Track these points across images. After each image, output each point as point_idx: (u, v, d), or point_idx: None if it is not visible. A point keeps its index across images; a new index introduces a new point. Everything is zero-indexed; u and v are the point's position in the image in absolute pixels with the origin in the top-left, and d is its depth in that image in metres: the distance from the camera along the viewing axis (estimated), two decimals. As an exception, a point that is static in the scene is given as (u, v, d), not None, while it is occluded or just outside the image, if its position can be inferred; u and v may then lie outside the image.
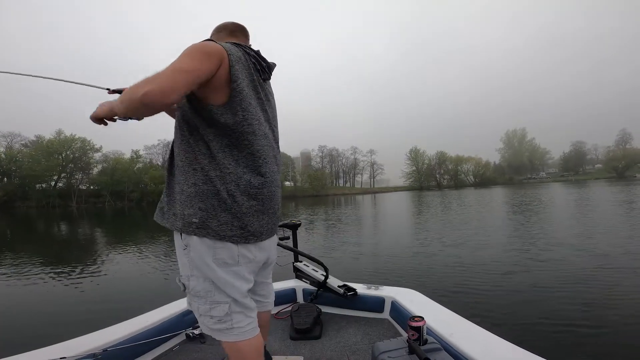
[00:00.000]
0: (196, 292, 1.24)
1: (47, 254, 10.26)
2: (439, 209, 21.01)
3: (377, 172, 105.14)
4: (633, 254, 6.44)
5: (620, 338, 3.26)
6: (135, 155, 68.73)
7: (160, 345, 2.02)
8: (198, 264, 1.21)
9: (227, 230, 1.19)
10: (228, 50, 1.16)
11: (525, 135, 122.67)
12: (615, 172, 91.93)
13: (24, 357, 1.61)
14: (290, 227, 2.77)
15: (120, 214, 34.93)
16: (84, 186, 64.05)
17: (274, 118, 1.41)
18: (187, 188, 1.21)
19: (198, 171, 1.20)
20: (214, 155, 1.19)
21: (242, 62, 1.21)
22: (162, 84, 0.98)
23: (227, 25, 1.42)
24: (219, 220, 1.18)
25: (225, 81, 1.15)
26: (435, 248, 8.15)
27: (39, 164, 54.76)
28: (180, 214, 1.21)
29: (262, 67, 1.31)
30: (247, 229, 1.23)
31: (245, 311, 1.29)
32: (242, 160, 1.21)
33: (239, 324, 1.26)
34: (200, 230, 1.18)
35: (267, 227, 1.31)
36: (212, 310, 1.24)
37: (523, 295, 4.57)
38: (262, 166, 1.25)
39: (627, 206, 15.39)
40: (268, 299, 1.61)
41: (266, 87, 1.37)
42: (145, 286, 6.12)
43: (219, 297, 1.23)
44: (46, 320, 4.56)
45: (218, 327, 1.26)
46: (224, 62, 1.14)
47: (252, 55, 1.29)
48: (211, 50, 1.11)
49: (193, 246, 1.20)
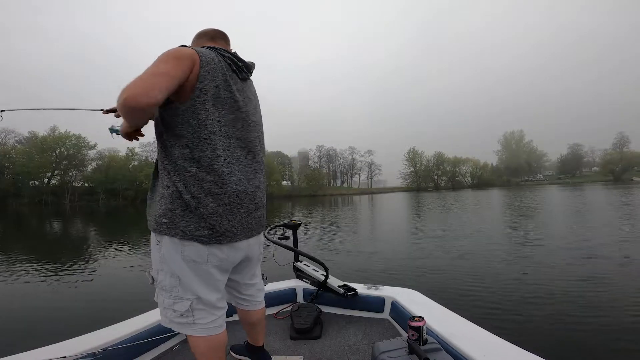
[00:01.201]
0: (162, 285, 1.30)
1: (37, 252, 10.16)
2: (438, 210, 21.07)
3: (374, 173, 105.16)
4: (633, 255, 6.47)
5: (620, 338, 3.28)
6: (130, 152, 67.90)
7: (160, 345, 2.02)
8: (168, 259, 1.27)
9: (195, 230, 1.23)
10: (200, 53, 1.22)
11: (523, 137, 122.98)
12: (613, 175, 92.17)
13: (24, 356, 1.60)
14: (290, 227, 2.77)
15: (113, 212, 34.68)
16: (78, 183, 63.42)
17: (252, 117, 1.43)
18: (160, 190, 1.29)
19: (165, 175, 1.27)
20: (175, 160, 1.23)
21: (215, 63, 1.25)
22: (137, 89, 1.01)
23: (208, 32, 1.47)
24: (187, 220, 1.23)
25: (193, 82, 1.19)
26: (435, 248, 8.17)
27: (33, 161, 54.13)
28: (154, 214, 1.29)
29: (238, 67, 1.36)
30: (216, 229, 1.26)
31: (208, 309, 1.33)
32: (204, 161, 1.23)
33: (201, 321, 1.31)
34: (170, 230, 1.24)
35: (241, 227, 1.34)
36: (175, 305, 1.29)
37: (523, 295, 4.60)
38: (225, 165, 1.27)
39: (628, 210, 15.35)
40: (256, 299, 1.66)
41: (245, 86, 1.41)
42: (145, 287, 6.09)
43: (183, 293, 1.28)
44: (41, 319, 4.55)
45: (179, 320, 1.31)
46: (195, 64, 1.19)
47: (227, 56, 1.34)
48: (182, 54, 1.16)
49: (164, 243, 1.27)
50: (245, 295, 1.64)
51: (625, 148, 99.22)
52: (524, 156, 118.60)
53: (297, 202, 45.41)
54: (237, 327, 2.34)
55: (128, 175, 61.44)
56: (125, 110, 1.03)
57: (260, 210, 1.46)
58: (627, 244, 7.60)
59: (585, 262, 6.18)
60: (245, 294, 1.63)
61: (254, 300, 1.66)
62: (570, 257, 6.53)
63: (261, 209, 1.47)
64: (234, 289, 1.63)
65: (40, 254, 9.75)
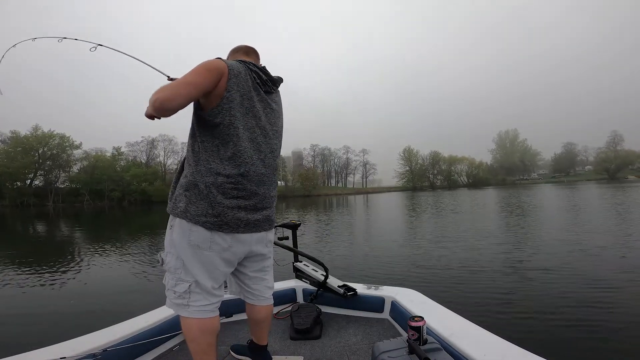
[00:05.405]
0: (169, 267, 1.45)
1: (25, 254, 10.05)
2: (436, 209, 21.08)
3: (369, 172, 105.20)
4: (633, 254, 6.51)
5: (620, 338, 3.29)
6: (116, 152, 66.96)
7: (160, 345, 2.02)
8: (176, 243, 1.42)
9: (202, 216, 1.38)
10: (229, 66, 1.40)
11: (517, 136, 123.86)
12: (607, 173, 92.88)
13: (24, 357, 1.60)
14: (290, 227, 2.78)
15: (98, 213, 33.84)
16: (63, 185, 61.99)
17: (273, 126, 1.59)
18: (182, 180, 1.46)
19: (187, 168, 1.45)
20: (201, 154, 1.41)
21: (242, 75, 1.43)
22: (166, 94, 1.22)
23: (242, 48, 1.68)
24: (197, 207, 1.38)
25: (222, 91, 1.37)
26: (435, 248, 8.18)
27: (15, 162, 52.62)
28: (174, 199, 1.46)
29: (262, 81, 1.54)
30: (221, 217, 1.39)
31: (204, 294, 1.44)
32: (225, 159, 1.40)
33: (195, 303, 1.43)
34: (183, 213, 1.39)
35: (245, 221, 1.46)
36: (176, 286, 1.43)
37: (523, 295, 4.61)
38: (242, 165, 1.42)
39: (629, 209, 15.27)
40: (263, 295, 1.71)
41: (270, 98, 1.58)
42: (145, 287, 6.09)
43: (184, 276, 1.42)
44: (41, 319, 4.52)
45: (177, 302, 1.44)
46: (223, 75, 1.36)
47: (254, 70, 1.51)
48: (212, 66, 1.35)
49: (175, 227, 1.42)
50: (253, 290, 1.69)
51: (618, 146, 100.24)
52: (518, 155, 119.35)
53: (292, 202, 44.96)
54: (237, 327, 2.35)
55: (114, 176, 60.17)
56: (153, 108, 1.23)
57: (268, 210, 1.57)
58: (628, 244, 7.59)
59: (585, 261, 6.20)
60: (253, 287, 1.69)
61: (261, 295, 1.70)
62: (571, 257, 6.55)
63: (268, 208, 1.58)
64: (242, 281, 1.69)
65: (28, 256, 9.65)
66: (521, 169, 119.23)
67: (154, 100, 1.21)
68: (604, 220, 11.58)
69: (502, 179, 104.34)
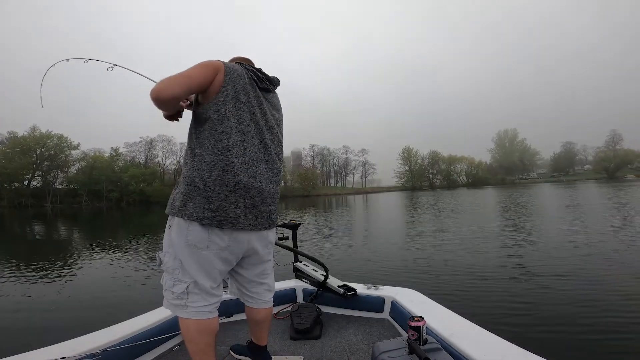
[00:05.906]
0: (167, 267, 1.44)
1: (23, 255, 10.07)
2: (436, 209, 21.06)
3: (369, 172, 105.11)
4: (634, 254, 6.50)
5: (620, 338, 3.28)
6: (114, 152, 66.56)
7: (160, 345, 2.02)
8: (174, 243, 1.40)
9: (200, 212, 1.35)
10: (225, 64, 1.44)
11: (517, 135, 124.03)
12: (606, 172, 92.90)
13: (24, 357, 1.60)
14: (290, 227, 2.78)
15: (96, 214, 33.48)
16: (61, 185, 61.67)
17: (268, 121, 1.58)
18: (180, 178, 1.47)
19: (187, 164, 1.45)
20: (196, 150, 1.41)
21: (238, 72, 1.47)
22: (161, 85, 1.26)
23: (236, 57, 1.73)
24: (194, 202, 1.37)
25: (217, 86, 1.41)
26: (434, 248, 8.18)
27: (12, 162, 52.43)
28: (172, 198, 1.46)
29: (259, 78, 1.56)
30: (218, 212, 1.37)
31: (203, 294, 1.43)
32: (218, 150, 1.39)
33: (193, 304, 1.42)
34: (180, 211, 1.38)
35: (244, 217, 1.43)
36: (174, 287, 1.42)
37: (523, 295, 4.60)
38: (236, 157, 1.41)
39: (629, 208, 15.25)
40: (262, 298, 1.70)
41: (266, 96, 1.61)
42: (144, 287, 6.08)
43: (182, 276, 1.41)
44: (41, 319, 4.52)
45: (175, 302, 1.44)
46: (220, 72, 1.41)
47: (249, 69, 1.55)
48: (210, 63, 1.41)
49: (174, 227, 1.41)
50: (252, 293, 1.68)
51: (617, 146, 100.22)
52: (517, 154, 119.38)
53: (291, 202, 44.87)
54: (237, 327, 2.35)
55: (112, 176, 59.90)
56: (152, 100, 1.25)
57: (267, 206, 1.53)
58: (628, 244, 7.58)
59: (585, 261, 6.19)
60: (252, 291, 1.68)
61: (260, 299, 1.69)
62: (571, 257, 6.55)
63: (269, 205, 1.54)
64: (242, 284, 1.68)
65: (27, 257, 9.64)
66: (520, 169, 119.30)
67: (151, 92, 1.24)
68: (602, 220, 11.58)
69: (501, 179, 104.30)
